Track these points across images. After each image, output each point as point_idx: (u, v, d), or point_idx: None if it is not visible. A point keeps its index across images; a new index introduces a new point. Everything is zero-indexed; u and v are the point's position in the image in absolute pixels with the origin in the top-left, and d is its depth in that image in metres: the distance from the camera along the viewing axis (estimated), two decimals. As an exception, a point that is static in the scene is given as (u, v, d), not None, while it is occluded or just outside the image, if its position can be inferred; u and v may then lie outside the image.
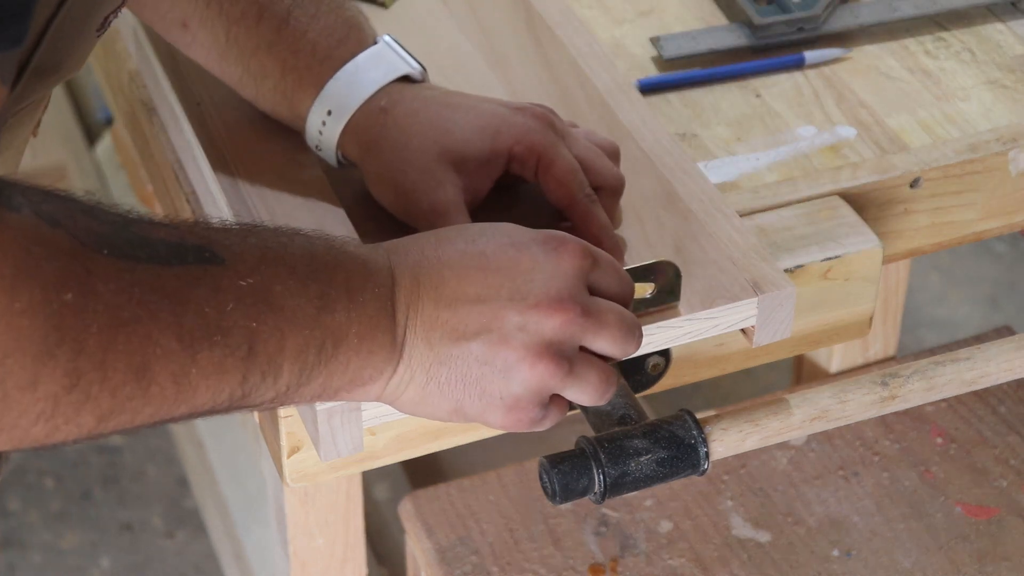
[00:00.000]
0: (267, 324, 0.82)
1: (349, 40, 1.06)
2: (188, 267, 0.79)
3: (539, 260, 0.88)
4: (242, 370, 0.81)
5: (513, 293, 0.87)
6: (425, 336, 0.87)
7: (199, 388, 0.80)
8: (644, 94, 1.20)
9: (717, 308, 1.00)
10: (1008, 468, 1.35)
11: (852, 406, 0.97)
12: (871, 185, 1.14)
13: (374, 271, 0.87)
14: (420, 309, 0.87)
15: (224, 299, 0.80)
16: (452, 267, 0.88)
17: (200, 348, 0.79)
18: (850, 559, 1.29)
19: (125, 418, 0.78)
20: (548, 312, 0.87)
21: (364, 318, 0.85)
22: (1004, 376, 1.00)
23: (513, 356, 0.87)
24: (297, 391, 0.85)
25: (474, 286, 0.87)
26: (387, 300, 0.86)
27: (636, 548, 1.29)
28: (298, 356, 0.83)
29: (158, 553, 2.10)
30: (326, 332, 0.84)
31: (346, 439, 0.97)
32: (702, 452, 0.94)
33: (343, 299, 0.85)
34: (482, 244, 0.89)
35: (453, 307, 0.87)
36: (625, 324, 0.91)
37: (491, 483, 1.35)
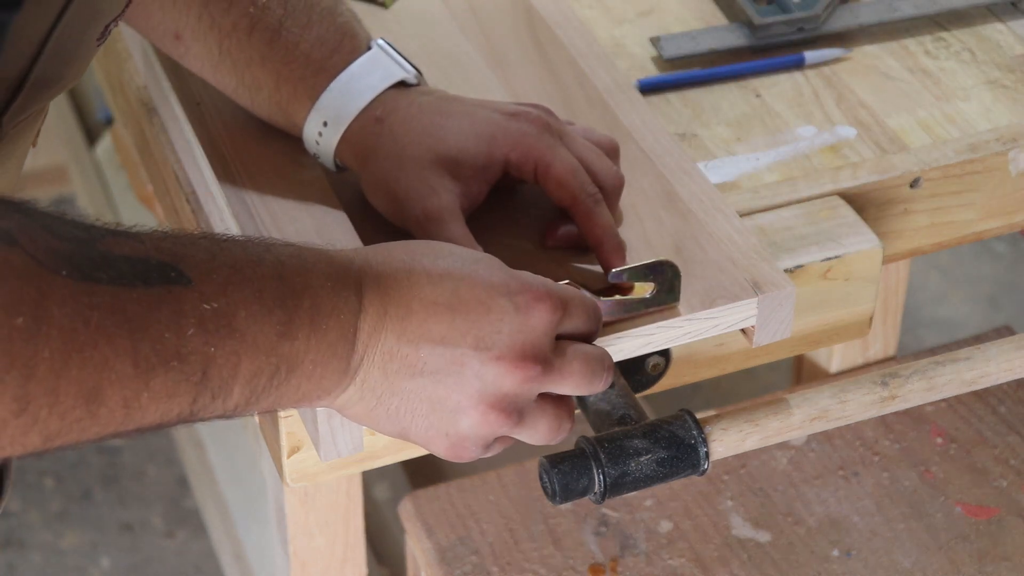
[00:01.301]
0: (225, 349, 0.80)
1: (342, 48, 1.06)
2: (151, 289, 0.77)
3: (508, 312, 0.87)
4: (193, 393, 0.80)
5: (477, 342, 0.87)
6: (382, 365, 0.87)
7: (148, 410, 0.79)
8: (644, 94, 1.20)
9: (717, 308, 1.00)
10: (1008, 468, 1.35)
11: (852, 406, 0.97)
12: (871, 185, 1.14)
13: (343, 296, 0.85)
14: (382, 339, 0.86)
15: (185, 324, 0.79)
16: (422, 301, 0.87)
17: (155, 374, 0.78)
18: (850, 559, 1.29)
19: (71, 438, 0.77)
20: (509, 368, 0.87)
21: (323, 345, 0.84)
22: (1004, 376, 1.00)
23: (466, 402, 0.87)
24: (245, 408, 0.84)
25: (440, 326, 0.86)
26: (350, 327, 0.85)
27: (636, 548, 1.30)
28: (250, 380, 0.82)
29: (158, 553, 2.10)
30: (282, 359, 0.83)
31: (346, 439, 0.97)
32: (702, 452, 0.94)
33: (305, 326, 0.83)
34: (457, 284, 0.87)
35: (415, 344, 0.86)
36: (589, 368, 0.90)
37: (491, 483, 1.35)
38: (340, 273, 0.86)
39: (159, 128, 1.19)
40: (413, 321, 0.86)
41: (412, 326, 0.86)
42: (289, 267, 0.85)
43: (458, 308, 0.87)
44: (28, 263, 0.73)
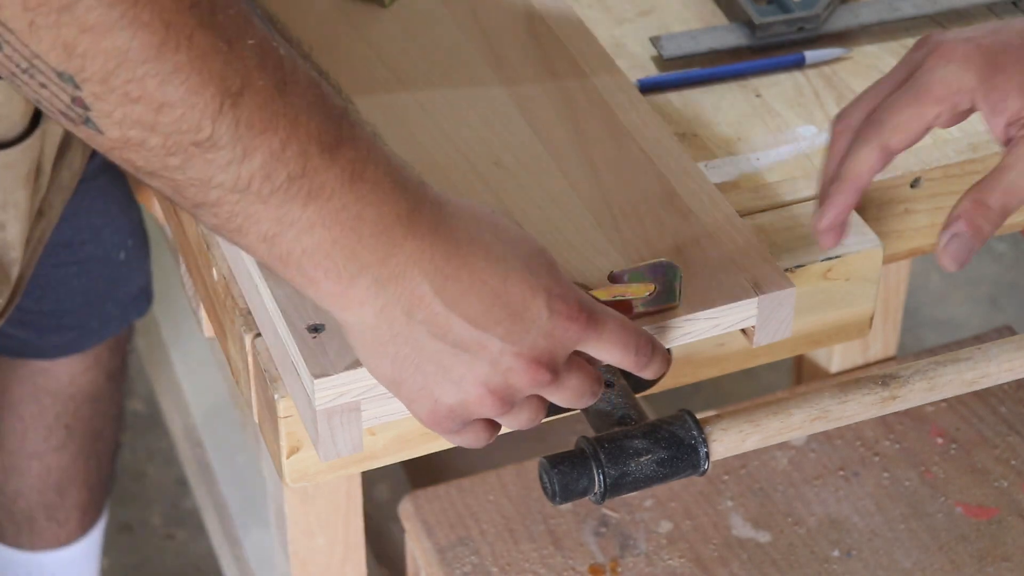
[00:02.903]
0: (265, 94, 0.78)
1: None
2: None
3: (541, 317, 0.87)
4: (220, 100, 0.76)
5: (506, 333, 0.86)
6: (408, 307, 0.84)
7: (180, 69, 0.75)
8: (644, 94, 1.20)
9: (717, 308, 1.00)
10: (1008, 468, 1.35)
11: (852, 406, 0.97)
12: (871, 185, 1.14)
13: (398, 196, 0.83)
14: (418, 280, 0.84)
15: (250, 31, 0.77)
16: (471, 271, 0.85)
17: (199, 28, 0.75)
18: (850, 559, 1.29)
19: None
20: (524, 366, 0.87)
21: (354, 206, 0.81)
22: (1004, 376, 1.00)
23: (470, 378, 0.87)
24: (254, 205, 0.79)
25: (477, 306, 0.86)
26: (388, 228, 0.82)
27: (636, 548, 1.29)
28: (272, 158, 0.78)
29: (158, 553, 2.10)
30: (310, 166, 0.79)
31: (346, 439, 0.97)
32: (702, 452, 0.94)
33: (347, 166, 0.80)
34: (508, 270, 0.86)
35: (449, 308, 0.85)
36: (583, 390, 0.91)
37: (491, 483, 1.35)
38: (405, 183, 0.84)
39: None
40: (457, 287, 0.85)
41: (454, 290, 0.85)
42: (363, 128, 0.83)
43: (501, 295, 0.86)
44: None
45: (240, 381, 1.12)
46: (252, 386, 1.08)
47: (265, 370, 1.03)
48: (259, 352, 1.04)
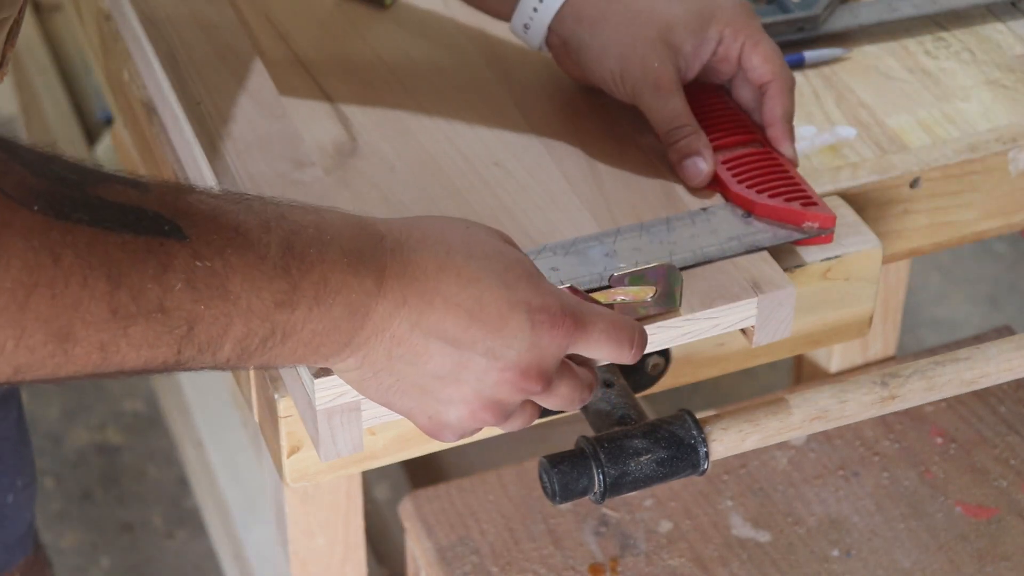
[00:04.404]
0: (215, 309, 0.79)
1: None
2: (139, 237, 0.76)
3: (523, 329, 0.87)
4: (177, 345, 0.79)
5: (487, 351, 0.87)
6: (388, 348, 0.86)
7: (128, 356, 0.77)
8: (644, 94, 1.20)
9: (717, 308, 1.00)
10: (1008, 468, 1.35)
11: (852, 406, 0.97)
12: (871, 185, 1.14)
13: (361, 274, 0.85)
14: (394, 325, 0.86)
15: (173, 278, 0.77)
16: (445, 299, 0.86)
17: (135, 323, 0.76)
18: (850, 559, 1.29)
19: (45, 372, 0.75)
20: (511, 380, 0.87)
21: (326, 319, 0.84)
22: (1004, 376, 1.00)
23: (458, 397, 0.88)
24: (236, 364, 0.83)
25: (456, 328, 0.86)
26: (360, 306, 0.85)
27: (636, 548, 1.30)
28: (241, 340, 0.81)
29: (158, 553, 2.10)
30: (278, 326, 0.82)
31: (346, 439, 0.97)
32: (702, 452, 0.94)
33: (308, 299, 0.82)
34: (482, 289, 0.87)
35: (427, 336, 0.86)
36: (576, 393, 0.91)
37: (491, 483, 1.35)
38: (363, 250, 0.86)
39: (159, 128, 1.19)
40: (432, 316, 0.86)
41: (429, 320, 0.86)
42: (303, 237, 0.83)
43: (477, 315, 0.87)
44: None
45: (240, 381, 1.12)
46: (252, 386, 1.08)
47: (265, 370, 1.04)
48: (259, 352, 1.04)
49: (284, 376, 1.00)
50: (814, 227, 1.06)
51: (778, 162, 1.09)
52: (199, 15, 1.21)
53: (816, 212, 1.05)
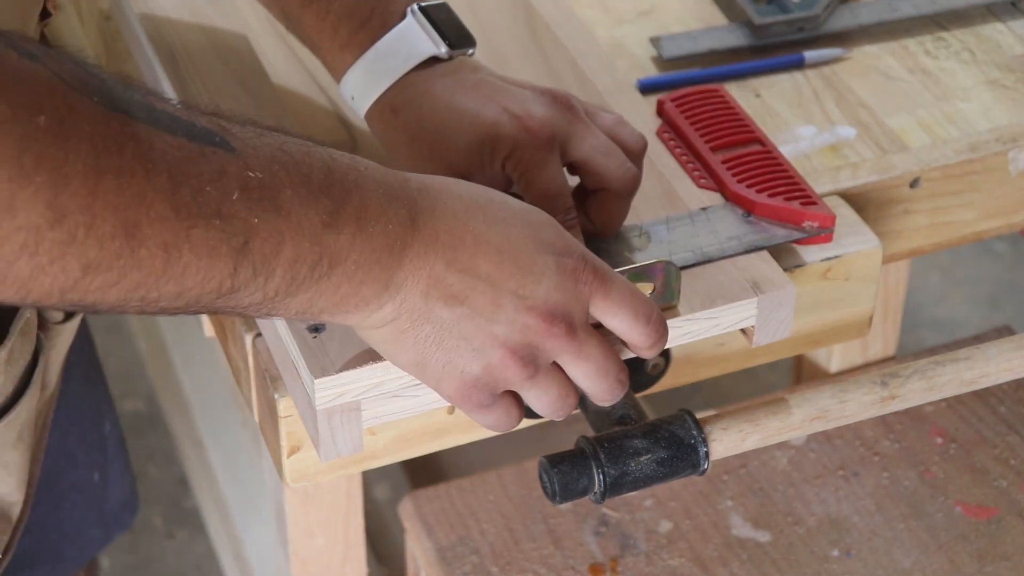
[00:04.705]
0: (268, 224, 0.80)
1: (371, 21, 1.04)
2: (193, 143, 0.77)
3: (550, 269, 0.88)
4: (234, 261, 0.79)
5: (517, 288, 0.87)
6: (425, 290, 0.86)
7: (189, 266, 0.78)
8: (644, 94, 1.20)
9: (717, 308, 1.00)
10: (1008, 468, 1.35)
11: (852, 406, 0.97)
12: (871, 185, 1.14)
13: (396, 203, 0.85)
14: (430, 263, 0.86)
15: (228, 185, 0.78)
16: (475, 237, 0.87)
17: (195, 224, 0.77)
18: (850, 559, 1.29)
19: (111, 276, 0.76)
20: (537, 318, 0.88)
21: (368, 249, 0.84)
22: (1004, 376, 1.00)
23: (490, 342, 0.88)
24: (283, 301, 0.83)
25: (488, 264, 0.87)
26: (398, 239, 0.85)
27: (636, 548, 1.30)
28: (292, 265, 0.81)
29: (158, 553, 2.10)
30: (325, 250, 0.82)
31: (346, 439, 0.97)
32: (702, 452, 0.94)
33: (351, 223, 0.83)
34: (509, 228, 0.88)
35: (462, 275, 0.87)
36: (604, 366, 0.90)
37: (491, 483, 1.35)
38: (393, 186, 0.86)
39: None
40: (464, 253, 0.87)
41: (462, 257, 0.87)
42: (340, 163, 0.84)
43: (507, 251, 0.87)
44: (52, 78, 0.72)
45: (240, 381, 1.12)
46: (252, 386, 1.08)
47: (265, 370, 1.04)
48: (259, 352, 1.04)
49: (284, 376, 1.00)
50: (814, 226, 1.06)
51: (778, 162, 1.09)
52: (199, 15, 1.21)
53: (816, 211, 1.06)
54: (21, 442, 1.05)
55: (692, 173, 1.10)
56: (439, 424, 1.06)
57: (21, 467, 1.06)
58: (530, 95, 1.03)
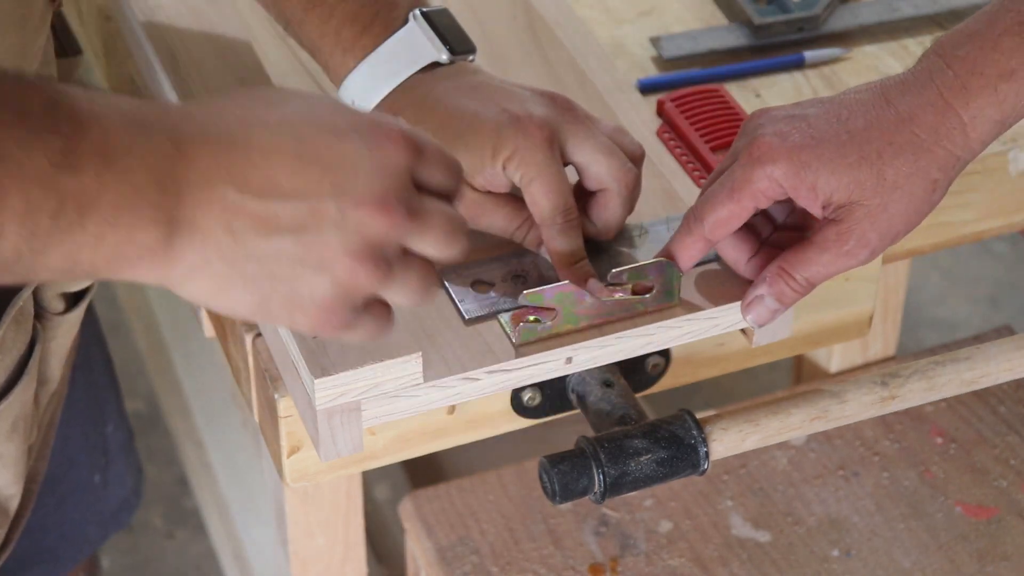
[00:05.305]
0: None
1: (374, 26, 1.04)
2: None
3: (362, 153, 0.79)
4: None
5: (334, 188, 0.78)
6: (226, 223, 0.77)
7: None
8: (644, 94, 1.20)
9: (717, 308, 1.00)
10: (1008, 468, 1.35)
11: (852, 406, 0.97)
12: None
13: (150, 133, 0.76)
14: (220, 192, 0.77)
15: None
16: (261, 149, 0.78)
17: None
18: (850, 559, 1.29)
19: None
20: (371, 212, 0.79)
21: (125, 187, 0.74)
22: (1004, 376, 1.00)
23: (329, 255, 0.79)
24: (33, 259, 0.74)
25: (289, 176, 0.78)
26: (165, 172, 0.76)
27: (636, 548, 1.30)
28: (26, 218, 0.72)
29: (158, 553, 2.10)
30: (65, 195, 0.73)
31: (346, 439, 0.97)
32: (702, 452, 0.94)
33: (94, 160, 0.74)
34: (297, 127, 0.79)
35: (263, 197, 0.78)
36: (451, 225, 0.82)
37: (491, 483, 1.35)
38: (148, 114, 0.77)
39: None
40: (256, 172, 0.78)
41: (256, 177, 0.78)
42: (70, 95, 0.75)
43: (306, 156, 0.79)
44: None
45: (240, 381, 1.12)
46: (252, 386, 1.08)
47: (265, 370, 1.04)
48: (259, 352, 1.05)
49: (284, 376, 1.01)
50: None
51: None
52: (199, 15, 1.21)
53: None
54: (16, 434, 1.04)
55: (692, 173, 1.11)
56: (439, 424, 1.06)
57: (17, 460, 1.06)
58: (530, 96, 1.02)
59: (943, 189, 0.95)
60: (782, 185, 0.94)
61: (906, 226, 0.95)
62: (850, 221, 0.94)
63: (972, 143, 0.93)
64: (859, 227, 0.94)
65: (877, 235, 0.94)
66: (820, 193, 0.94)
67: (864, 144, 0.93)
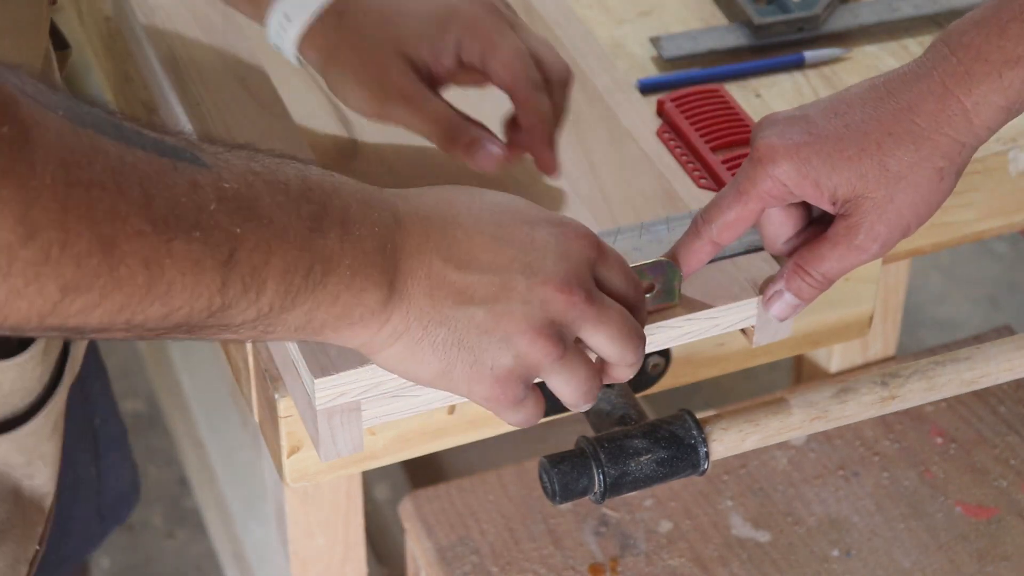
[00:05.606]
0: (252, 233, 0.77)
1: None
2: (163, 158, 0.75)
3: (551, 241, 0.87)
4: (222, 275, 0.76)
5: (524, 267, 0.86)
6: (429, 291, 0.85)
7: (174, 283, 0.75)
8: (644, 94, 1.20)
9: (717, 308, 1.00)
10: (1008, 468, 1.35)
11: (852, 406, 0.97)
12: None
13: (376, 208, 0.84)
14: (427, 262, 0.85)
15: (204, 196, 0.75)
16: (465, 229, 0.86)
17: (175, 237, 0.74)
18: (850, 559, 1.29)
19: (92, 297, 0.72)
20: (555, 291, 0.86)
21: (359, 252, 0.82)
22: (1004, 376, 1.00)
23: (514, 328, 0.86)
24: (280, 316, 0.80)
25: (487, 254, 0.86)
26: (387, 240, 0.84)
27: (636, 548, 1.30)
28: (284, 275, 0.79)
29: (158, 553, 2.10)
30: (316, 256, 0.80)
31: (346, 439, 0.97)
32: (702, 452, 0.94)
33: (337, 227, 0.81)
34: (496, 214, 0.88)
35: (463, 270, 0.85)
36: (628, 326, 0.89)
37: (491, 483, 1.35)
38: (371, 192, 0.85)
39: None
40: (459, 248, 0.86)
41: (459, 252, 0.85)
42: (314, 172, 0.83)
43: (502, 238, 0.87)
44: (14, 91, 0.69)
45: (240, 381, 1.12)
46: (252, 386, 1.08)
47: (265, 370, 1.04)
48: (259, 352, 1.05)
49: (284, 376, 1.00)
50: None
51: None
52: (199, 15, 1.21)
53: None
54: (56, 433, 1.05)
55: (692, 173, 1.11)
56: (439, 424, 1.06)
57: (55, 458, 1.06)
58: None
59: (951, 177, 0.94)
60: (786, 184, 0.94)
61: (916, 217, 0.95)
62: (858, 215, 0.94)
63: (977, 129, 0.93)
64: (867, 220, 0.94)
65: (886, 227, 0.94)
66: (824, 189, 0.94)
67: (863, 137, 0.93)
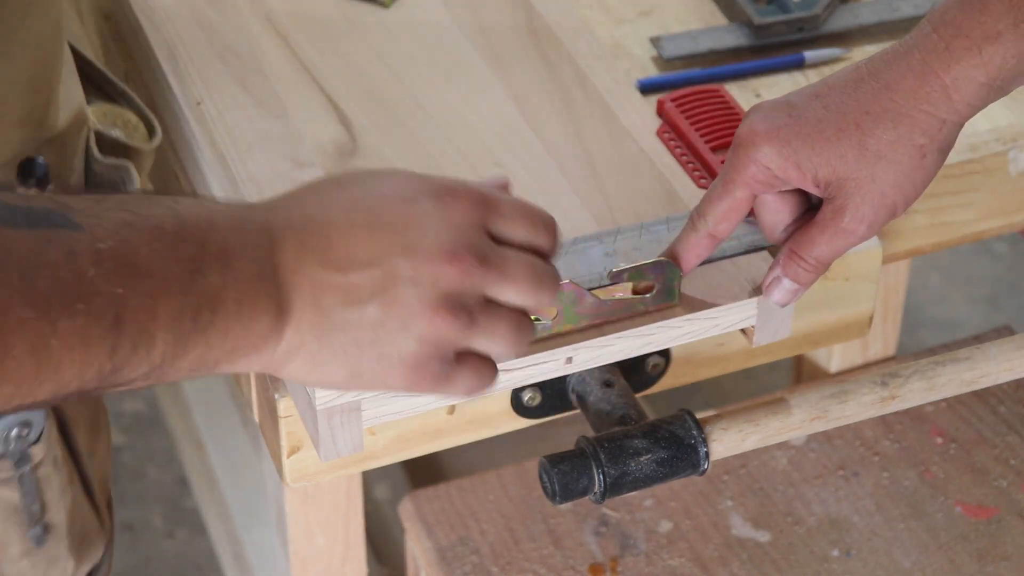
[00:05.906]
0: (134, 290, 0.75)
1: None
2: (35, 231, 0.73)
3: (430, 213, 0.83)
4: (110, 341, 0.75)
5: (404, 249, 0.82)
6: (314, 301, 0.81)
7: (63, 362, 0.73)
8: (644, 94, 1.20)
9: (717, 308, 1.00)
10: (1008, 468, 1.35)
11: (852, 406, 0.97)
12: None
13: (251, 231, 0.81)
14: (308, 273, 0.81)
15: (82, 264, 0.73)
16: (338, 227, 0.82)
17: (60, 316, 0.72)
18: (850, 559, 1.29)
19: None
20: (440, 264, 0.82)
21: (242, 283, 0.79)
22: (1004, 376, 1.00)
23: (408, 313, 0.82)
24: (173, 364, 0.78)
25: (363, 247, 0.82)
26: (266, 263, 0.81)
27: (636, 548, 1.30)
28: (172, 324, 0.77)
29: (158, 553, 2.10)
30: (201, 297, 0.78)
31: (346, 439, 0.97)
32: (702, 452, 0.94)
33: (217, 263, 0.79)
34: (369, 200, 0.84)
35: (344, 271, 0.81)
36: (534, 272, 0.85)
37: (491, 483, 1.35)
38: (243, 212, 0.83)
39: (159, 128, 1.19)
40: (336, 249, 0.82)
41: (335, 254, 0.82)
42: (187, 207, 0.80)
43: (377, 225, 0.82)
44: None
45: (240, 381, 1.12)
46: (252, 386, 1.08)
47: (265, 370, 1.04)
48: (259, 352, 1.04)
49: (284, 376, 1.00)
50: None
51: None
52: (199, 15, 1.21)
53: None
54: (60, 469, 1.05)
55: (692, 173, 1.11)
56: (439, 424, 1.06)
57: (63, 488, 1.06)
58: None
59: (934, 155, 0.94)
60: (769, 167, 0.94)
61: (902, 196, 0.94)
62: (842, 197, 0.94)
63: (957, 105, 0.92)
64: (852, 202, 0.94)
65: (871, 208, 0.94)
66: (807, 171, 0.93)
67: (841, 117, 0.93)
